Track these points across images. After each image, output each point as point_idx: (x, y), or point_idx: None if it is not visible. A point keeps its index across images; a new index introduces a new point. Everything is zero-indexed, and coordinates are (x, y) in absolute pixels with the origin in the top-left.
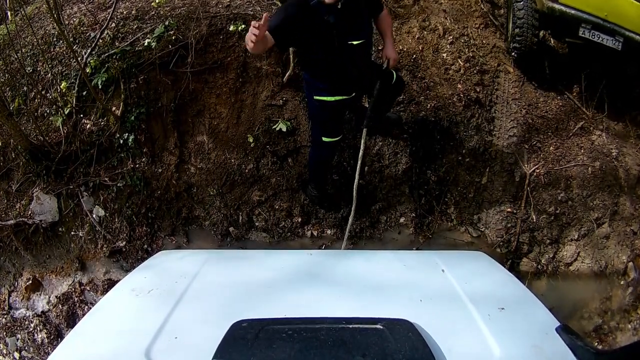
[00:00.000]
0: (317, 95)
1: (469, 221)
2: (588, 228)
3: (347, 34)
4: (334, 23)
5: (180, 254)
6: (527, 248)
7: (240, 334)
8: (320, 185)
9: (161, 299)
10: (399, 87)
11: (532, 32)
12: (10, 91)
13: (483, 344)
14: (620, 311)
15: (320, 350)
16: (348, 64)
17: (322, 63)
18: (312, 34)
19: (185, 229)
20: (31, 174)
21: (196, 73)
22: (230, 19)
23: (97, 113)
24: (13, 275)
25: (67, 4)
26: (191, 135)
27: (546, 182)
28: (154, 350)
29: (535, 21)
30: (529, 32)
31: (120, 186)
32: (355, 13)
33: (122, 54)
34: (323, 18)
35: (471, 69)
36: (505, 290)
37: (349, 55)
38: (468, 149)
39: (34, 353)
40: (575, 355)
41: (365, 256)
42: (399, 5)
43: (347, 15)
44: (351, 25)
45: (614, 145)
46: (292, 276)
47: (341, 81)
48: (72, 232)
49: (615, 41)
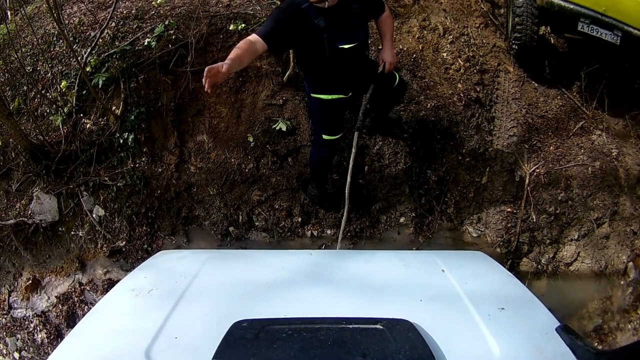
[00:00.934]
0: (314, 93)
1: (469, 221)
2: (588, 228)
3: (337, 37)
4: (324, 27)
5: (180, 254)
6: (527, 248)
7: (240, 334)
8: (320, 185)
9: (161, 299)
10: (400, 90)
11: (531, 24)
12: (10, 91)
13: (483, 344)
14: (620, 311)
15: (320, 350)
16: (340, 66)
17: (315, 64)
18: (303, 37)
19: (185, 228)
20: (31, 174)
21: (196, 72)
22: (230, 19)
23: (97, 112)
24: (13, 275)
25: (67, 4)
26: (191, 135)
27: (546, 182)
28: (154, 350)
29: (535, 10)
30: (528, 22)
31: (120, 186)
32: (347, 16)
33: (122, 53)
34: (313, 22)
35: (471, 69)
36: (505, 290)
37: (340, 59)
38: (468, 148)
39: (34, 353)
40: (575, 355)
41: (365, 256)
42: (399, 5)
43: (339, 19)
44: (342, 29)
45: (614, 145)
46: (292, 276)
47: (335, 81)
48: (72, 231)
49: (614, 36)
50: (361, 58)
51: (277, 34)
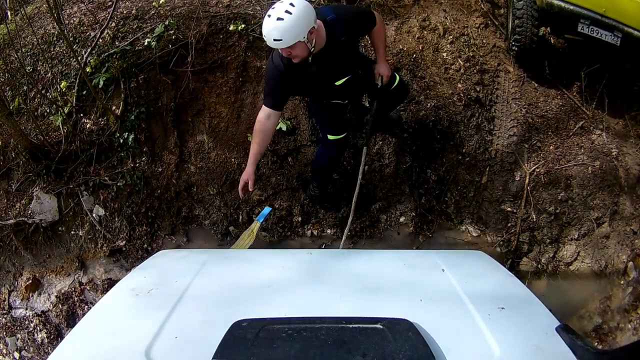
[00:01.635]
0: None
1: (469, 220)
2: (588, 228)
3: (331, 77)
4: (316, 72)
5: (180, 253)
6: (527, 248)
7: (240, 334)
8: (322, 185)
9: (161, 299)
10: (401, 91)
11: (531, 26)
12: (10, 91)
13: (483, 343)
14: (620, 311)
15: (320, 350)
16: (336, 96)
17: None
18: (300, 86)
19: (185, 228)
20: (31, 174)
21: (196, 72)
22: (230, 19)
23: (97, 112)
24: (13, 274)
25: (67, 4)
26: (191, 135)
27: (546, 182)
28: (154, 350)
29: (535, 12)
30: (528, 24)
31: (120, 185)
32: (337, 53)
33: (122, 53)
34: (306, 70)
35: (471, 69)
36: (505, 290)
37: (336, 92)
38: (468, 148)
39: (34, 353)
40: (575, 355)
41: (365, 256)
42: (399, 5)
43: (329, 59)
44: (334, 67)
45: (614, 144)
46: (292, 276)
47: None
48: (72, 231)
49: (614, 37)
50: (359, 83)
51: (282, 99)
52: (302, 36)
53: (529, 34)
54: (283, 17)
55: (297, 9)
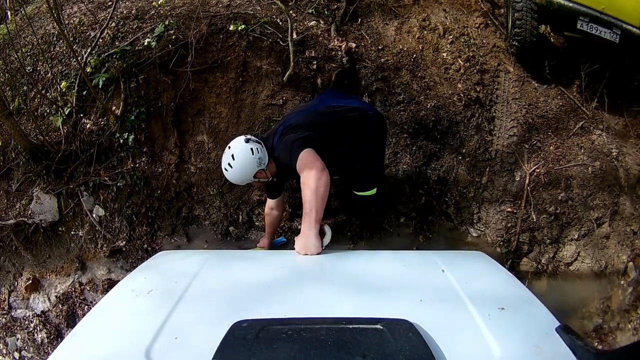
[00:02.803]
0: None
1: (469, 221)
2: (588, 228)
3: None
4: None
5: (180, 254)
6: (527, 248)
7: (240, 334)
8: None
9: (161, 299)
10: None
11: (531, 19)
12: (10, 91)
13: (483, 344)
14: (620, 311)
15: (320, 350)
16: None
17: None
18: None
19: (185, 228)
20: (31, 174)
21: (196, 72)
22: (230, 19)
23: (97, 112)
24: (13, 275)
25: (67, 4)
26: (191, 135)
27: (546, 182)
28: (154, 350)
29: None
30: (528, 17)
31: (120, 186)
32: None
33: (122, 53)
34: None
35: (471, 69)
36: (505, 290)
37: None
38: (468, 148)
39: (34, 353)
40: (575, 355)
41: (365, 256)
42: (399, 5)
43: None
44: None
45: (614, 144)
46: (292, 276)
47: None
48: (72, 231)
49: (613, 34)
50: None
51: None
52: (249, 179)
53: (528, 27)
54: (227, 169)
55: (236, 163)
